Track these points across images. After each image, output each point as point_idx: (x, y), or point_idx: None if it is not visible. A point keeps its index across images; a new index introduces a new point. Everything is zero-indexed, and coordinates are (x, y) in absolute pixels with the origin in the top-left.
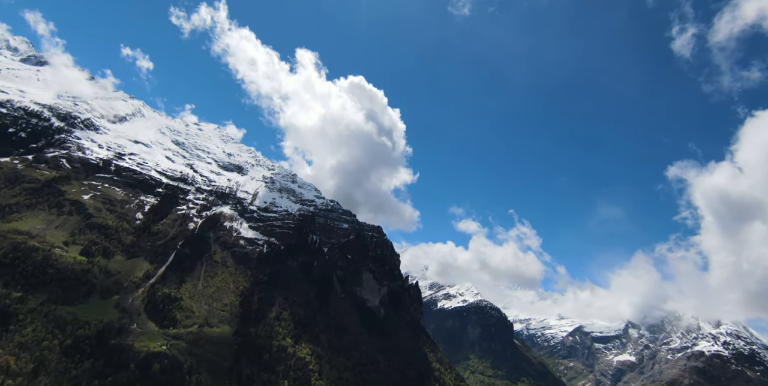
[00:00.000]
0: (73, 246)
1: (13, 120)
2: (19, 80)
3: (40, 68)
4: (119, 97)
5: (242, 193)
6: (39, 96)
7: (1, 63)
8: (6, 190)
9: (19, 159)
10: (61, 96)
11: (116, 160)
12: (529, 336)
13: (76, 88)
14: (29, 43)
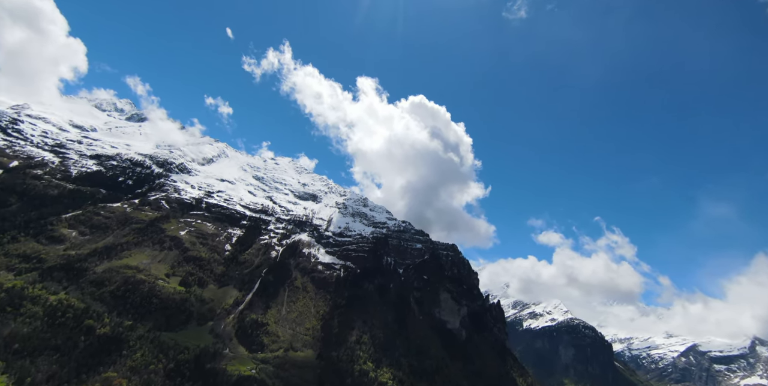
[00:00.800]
0: (174, 278)
1: (122, 170)
2: (125, 136)
3: (141, 124)
4: (206, 141)
5: (318, 220)
6: (141, 147)
7: (111, 123)
8: (118, 231)
9: (128, 203)
10: (159, 145)
11: (206, 197)
12: (632, 357)
13: (170, 137)
14: (132, 104)
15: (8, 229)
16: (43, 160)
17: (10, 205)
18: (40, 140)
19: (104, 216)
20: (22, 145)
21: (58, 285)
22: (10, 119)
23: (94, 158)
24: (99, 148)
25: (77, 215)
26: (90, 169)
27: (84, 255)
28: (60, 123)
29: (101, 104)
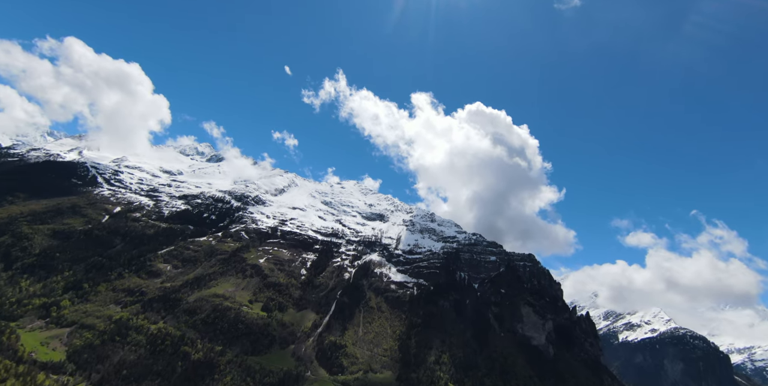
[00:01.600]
0: (256, 304)
1: (206, 207)
2: (207, 176)
3: (219, 163)
4: (276, 173)
5: (387, 239)
6: (221, 185)
7: (194, 165)
8: (206, 263)
9: (212, 237)
10: (236, 181)
11: (281, 226)
12: (756, 370)
13: (245, 173)
14: (210, 146)
15: (115, 267)
16: (140, 203)
17: (115, 246)
18: (137, 187)
19: (193, 249)
20: (123, 193)
21: (157, 315)
22: (112, 171)
23: (182, 198)
24: (185, 189)
25: (171, 250)
26: (179, 208)
27: (178, 287)
28: (152, 170)
29: (185, 150)
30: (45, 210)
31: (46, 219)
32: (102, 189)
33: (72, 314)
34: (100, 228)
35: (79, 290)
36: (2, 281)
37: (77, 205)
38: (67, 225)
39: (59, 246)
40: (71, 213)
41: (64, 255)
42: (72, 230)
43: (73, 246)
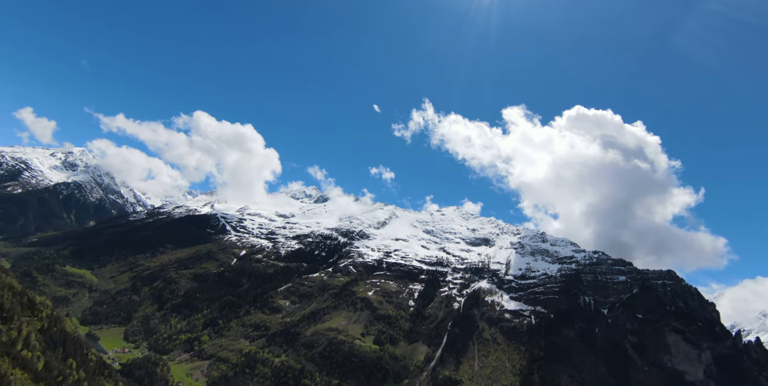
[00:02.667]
0: (368, 337)
1: (316, 244)
2: (315, 216)
3: (325, 203)
4: (377, 207)
5: (495, 264)
6: (328, 223)
7: (304, 207)
8: (319, 297)
9: (324, 272)
10: (341, 219)
11: (385, 258)
12: None
13: (348, 209)
14: (316, 188)
15: (243, 304)
16: (261, 246)
17: (243, 285)
18: (258, 231)
19: (308, 285)
20: (247, 237)
21: (280, 349)
22: (237, 219)
23: (295, 238)
24: (298, 230)
25: (288, 287)
26: (293, 248)
27: (296, 321)
28: (269, 215)
29: (295, 194)
30: (187, 257)
31: (188, 265)
32: (230, 235)
33: (210, 348)
34: (230, 270)
35: (215, 326)
36: (157, 319)
37: (212, 251)
38: (204, 269)
39: (199, 288)
40: (207, 258)
41: (203, 295)
42: (208, 273)
43: (210, 287)
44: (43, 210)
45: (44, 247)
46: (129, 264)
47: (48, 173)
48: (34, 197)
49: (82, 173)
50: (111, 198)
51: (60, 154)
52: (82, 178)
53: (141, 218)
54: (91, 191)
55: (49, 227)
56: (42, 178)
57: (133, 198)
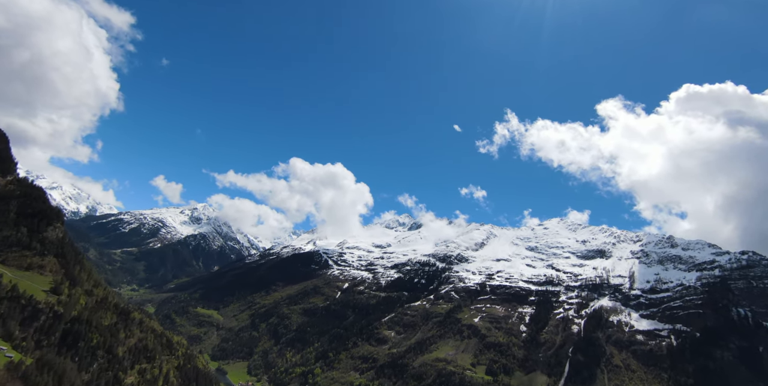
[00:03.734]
0: (479, 367)
1: (414, 272)
2: (411, 243)
3: (419, 230)
4: (472, 228)
5: (616, 278)
6: (424, 249)
7: (398, 236)
8: (424, 327)
9: (425, 300)
10: (437, 244)
11: (488, 280)
12: None
13: (443, 234)
14: (409, 216)
15: (350, 337)
16: (362, 277)
17: (348, 317)
18: (358, 263)
19: (410, 315)
20: (348, 270)
21: (389, 381)
22: (338, 253)
23: (394, 268)
24: (395, 259)
25: (392, 317)
26: (393, 277)
27: (402, 352)
28: (366, 247)
29: (389, 224)
30: (297, 293)
31: (298, 300)
32: (333, 269)
33: (323, 381)
34: (336, 303)
35: (326, 359)
36: (274, 354)
37: (317, 286)
38: (312, 303)
39: (309, 322)
40: (314, 293)
41: (313, 329)
42: (316, 307)
43: (318, 320)
44: (177, 259)
45: (179, 292)
46: (248, 302)
47: (179, 228)
48: (170, 249)
49: (205, 225)
50: (230, 244)
51: (187, 211)
52: (205, 230)
53: (255, 260)
54: (214, 240)
55: (183, 274)
56: (175, 232)
57: (247, 243)
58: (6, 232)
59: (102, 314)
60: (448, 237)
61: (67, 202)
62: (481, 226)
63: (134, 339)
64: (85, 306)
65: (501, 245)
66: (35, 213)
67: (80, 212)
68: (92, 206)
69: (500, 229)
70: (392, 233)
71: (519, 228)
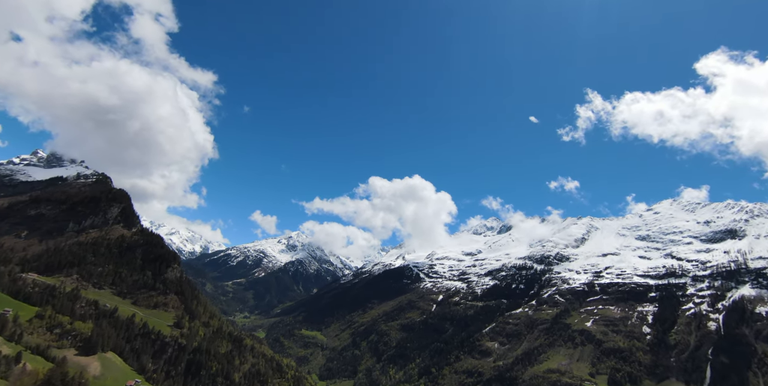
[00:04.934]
0: (599, 377)
1: (511, 277)
2: (502, 247)
3: (510, 232)
4: (569, 223)
5: (755, 261)
6: (517, 252)
7: (488, 241)
8: (529, 335)
9: (527, 306)
10: (531, 244)
11: (596, 279)
12: None
13: (536, 233)
14: (496, 219)
15: (451, 350)
16: (455, 288)
17: (446, 330)
18: (449, 273)
19: (513, 323)
20: (441, 282)
21: None
22: (428, 266)
23: (488, 275)
24: (488, 265)
25: (493, 327)
26: (488, 285)
27: (509, 365)
28: (456, 256)
29: (476, 229)
30: (392, 310)
31: (394, 316)
32: (425, 282)
33: None
34: (432, 317)
35: (429, 375)
36: (377, 371)
37: (411, 300)
38: (409, 318)
39: (408, 338)
40: (409, 308)
41: (412, 344)
42: (413, 322)
43: (417, 335)
44: (280, 286)
45: (285, 316)
46: (347, 322)
47: (278, 256)
48: (272, 277)
49: (300, 251)
50: (324, 267)
51: (283, 240)
52: (301, 256)
53: (349, 280)
54: (310, 264)
55: (286, 299)
56: (275, 261)
57: (340, 264)
58: (135, 276)
59: (219, 343)
60: (542, 237)
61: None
62: (579, 220)
63: (248, 365)
64: (204, 336)
65: (605, 238)
66: (156, 257)
67: (196, 251)
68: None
69: (601, 221)
70: (481, 239)
71: (624, 217)
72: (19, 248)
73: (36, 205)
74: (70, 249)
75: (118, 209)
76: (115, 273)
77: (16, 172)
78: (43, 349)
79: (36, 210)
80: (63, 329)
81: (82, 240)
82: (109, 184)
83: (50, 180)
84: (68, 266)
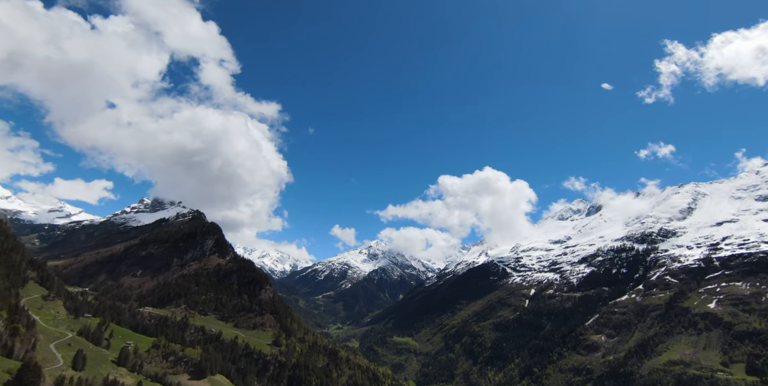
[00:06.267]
0: (734, 366)
1: (609, 262)
2: (593, 230)
3: (600, 212)
4: (669, 193)
5: None
6: (612, 233)
7: (576, 225)
8: (641, 325)
9: (633, 292)
10: (627, 223)
11: (713, 252)
12: None
13: (631, 209)
14: (581, 200)
15: (553, 347)
16: (547, 280)
17: (544, 327)
18: (538, 265)
19: (619, 312)
20: (530, 275)
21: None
22: (514, 259)
23: (582, 262)
24: (581, 252)
25: (597, 319)
26: (584, 273)
27: (622, 359)
28: (543, 246)
29: (561, 215)
30: (482, 309)
31: (485, 316)
32: (512, 277)
33: None
34: (526, 313)
35: (531, 375)
36: (475, 374)
37: (501, 298)
38: (501, 317)
39: (502, 337)
40: (500, 305)
41: (508, 344)
42: (506, 320)
43: (512, 334)
44: (367, 295)
45: (375, 324)
46: (437, 325)
47: (361, 266)
48: (359, 287)
49: (382, 259)
50: (407, 272)
51: (364, 250)
52: (383, 263)
53: (433, 282)
54: (392, 271)
55: (374, 307)
56: (360, 271)
57: (422, 267)
58: (234, 301)
59: (315, 357)
60: (640, 213)
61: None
62: (680, 188)
63: (345, 377)
64: (301, 352)
65: (716, 204)
66: (250, 281)
67: (286, 270)
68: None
69: (708, 185)
70: (568, 224)
71: (736, 177)
72: (136, 285)
73: (145, 247)
74: (176, 282)
75: (212, 241)
76: (216, 299)
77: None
78: (161, 377)
79: (146, 250)
80: (176, 356)
81: (185, 273)
82: (203, 219)
83: (155, 222)
84: (176, 297)
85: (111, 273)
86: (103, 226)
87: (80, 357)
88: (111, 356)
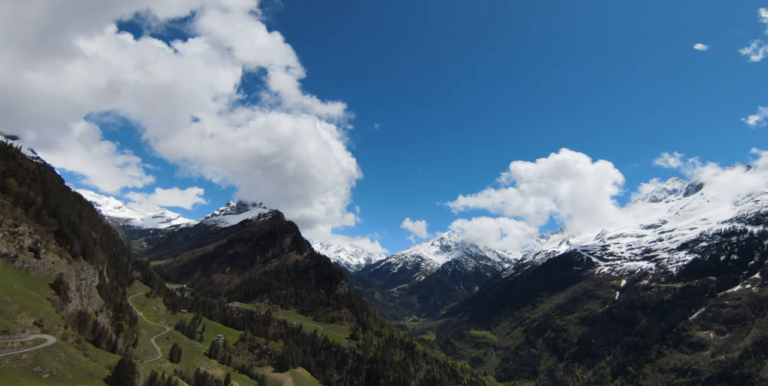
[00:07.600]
0: None
1: (716, 247)
2: (694, 212)
3: (701, 191)
4: None
5: None
6: (719, 215)
7: (673, 207)
8: (759, 320)
9: (748, 281)
10: (736, 202)
11: None
12: None
13: (741, 186)
14: (678, 179)
15: (650, 344)
16: (641, 269)
17: (638, 321)
18: (629, 253)
19: (731, 305)
20: (619, 264)
21: None
22: (599, 247)
23: (682, 249)
24: (679, 237)
25: (703, 313)
26: (685, 261)
27: (736, 359)
28: (633, 231)
29: (653, 196)
30: (565, 302)
31: (569, 309)
32: (599, 267)
33: None
34: (617, 306)
35: (626, 374)
36: (561, 372)
37: (587, 289)
38: (588, 310)
39: (590, 332)
40: (586, 298)
41: (597, 340)
42: (594, 314)
43: (601, 329)
44: (441, 287)
45: (451, 317)
46: (516, 318)
47: (434, 258)
48: (432, 279)
49: (455, 251)
50: (482, 263)
51: (436, 242)
52: (456, 255)
53: (510, 274)
54: (466, 262)
55: (449, 299)
56: (433, 263)
57: (497, 258)
58: (312, 296)
59: (392, 351)
60: (752, 189)
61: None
62: None
63: (422, 372)
64: (378, 346)
65: None
66: (326, 276)
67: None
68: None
69: None
70: (662, 206)
71: None
72: (225, 282)
73: (232, 246)
74: (260, 278)
75: (290, 238)
76: (296, 294)
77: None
78: (248, 368)
79: (232, 249)
80: (261, 349)
81: (267, 269)
82: (282, 218)
83: (240, 223)
84: (260, 292)
85: (204, 271)
86: (197, 228)
87: (176, 350)
88: (203, 348)
